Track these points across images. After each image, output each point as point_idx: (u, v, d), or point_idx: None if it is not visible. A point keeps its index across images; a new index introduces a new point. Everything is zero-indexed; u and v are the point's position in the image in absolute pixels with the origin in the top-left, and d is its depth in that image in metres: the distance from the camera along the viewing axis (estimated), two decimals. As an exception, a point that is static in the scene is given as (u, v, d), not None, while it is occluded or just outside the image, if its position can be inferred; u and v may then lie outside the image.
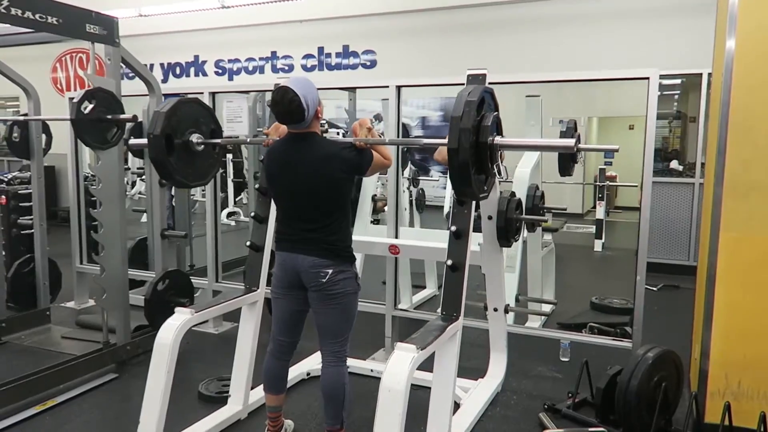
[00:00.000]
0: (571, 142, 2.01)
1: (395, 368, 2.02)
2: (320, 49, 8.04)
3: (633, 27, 6.57)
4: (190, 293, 3.96)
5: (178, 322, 2.47)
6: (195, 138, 2.65)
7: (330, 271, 2.36)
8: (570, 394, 3.02)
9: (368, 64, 7.75)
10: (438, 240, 4.06)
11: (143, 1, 8.21)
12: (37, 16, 2.93)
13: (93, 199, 4.73)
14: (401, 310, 3.79)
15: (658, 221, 5.87)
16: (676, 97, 10.40)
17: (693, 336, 3.12)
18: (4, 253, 4.48)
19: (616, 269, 6.70)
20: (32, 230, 4.31)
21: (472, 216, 2.55)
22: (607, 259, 7.18)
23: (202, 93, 4.13)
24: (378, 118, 14.71)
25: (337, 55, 7.94)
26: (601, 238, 7.41)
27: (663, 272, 5.59)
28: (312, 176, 2.34)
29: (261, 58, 8.41)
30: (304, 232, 2.39)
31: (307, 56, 8.11)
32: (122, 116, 3.23)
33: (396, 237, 3.67)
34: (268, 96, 5.71)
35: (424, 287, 5.18)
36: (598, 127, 12.04)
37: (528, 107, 3.88)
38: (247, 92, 4.42)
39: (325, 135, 6.75)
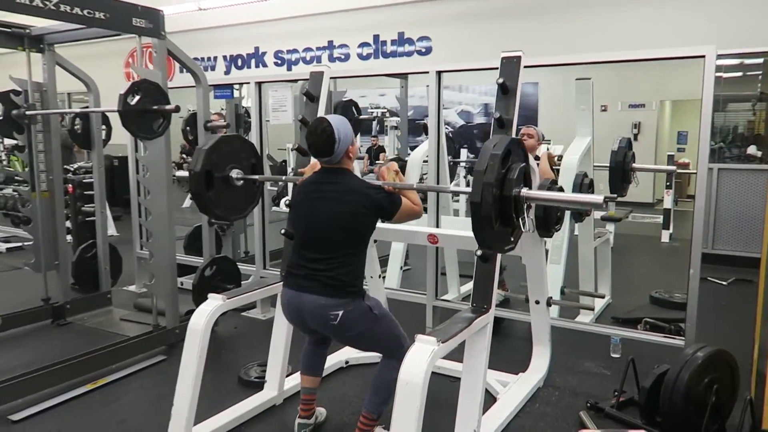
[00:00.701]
0: (599, 198, 1.93)
1: (413, 361, 1.97)
2: (375, 37, 8.00)
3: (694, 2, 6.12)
4: (237, 279, 4.05)
5: (209, 308, 2.51)
6: (235, 173, 2.74)
7: (340, 312, 2.26)
8: (616, 393, 2.86)
9: (423, 50, 7.65)
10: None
11: None
12: (85, 11, 3.05)
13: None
14: (443, 300, 3.72)
15: (731, 211, 5.49)
16: (760, 77, 9.65)
17: (754, 335, 2.88)
18: (71, 238, 4.76)
19: (682, 262, 6.30)
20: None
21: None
22: (673, 250, 6.79)
23: (248, 83, 4.19)
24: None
25: (393, 42, 7.88)
26: (668, 229, 7.01)
27: (736, 265, 5.24)
28: (333, 206, 2.32)
29: (318, 48, 8.48)
30: (312, 263, 2.33)
31: (363, 44, 8.10)
32: (167, 107, 3.31)
33: (437, 226, 3.60)
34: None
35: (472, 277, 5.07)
36: (672, 111, 11.38)
37: (578, 91, 3.69)
38: (294, 81, 4.45)
39: (385, 120, 6.69)
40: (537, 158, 3.89)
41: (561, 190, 2.88)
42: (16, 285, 5.08)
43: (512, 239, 2.06)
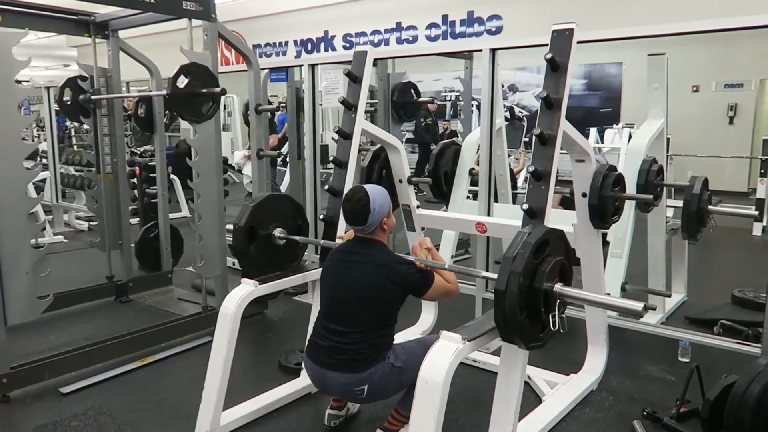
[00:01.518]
0: (638, 306, 1.75)
1: (435, 359, 1.84)
2: (444, 18, 7.74)
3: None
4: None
5: (241, 293, 2.49)
6: (278, 232, 2.73)
7: (366, 387, 2.20)
8: (677, 402, 2.59)
9: (494, 30, 7.31)
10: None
11: None
12: (134, -5, 3.09)
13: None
14: (492, 292, 3.52)
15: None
16: None
17: None
18: (139, 219, 4.94)
19: (776, 258, 5.74)
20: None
21: (551, 193, 2.23)
22: (766, 245, 6.17)
23: (302, 65, 4.14)
24: (512, 88, 14.07)
25: (462, 23, 7.59)
26: (762, 221, 6.37)
27: None
28: (359, 280, 2.24)
29: (386, 30, 8.32)
30: (335, 335, 2.24)
31: (431, 25, 7.85)
32: (215, 89, 3.31)
33: (489, 214, 3.41)
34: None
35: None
36: (774, 92, 10.37)
37: (650, 68, 3.35)
38: (347, 62, 4.34)
39: (458, 103, 6.45)
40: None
41: (619, 176, 2.61)
42: (86, 262, 5.33)
43: (541, 336, 1.88)
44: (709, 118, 10.07)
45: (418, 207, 3.36)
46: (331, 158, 2.97)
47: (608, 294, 2.85)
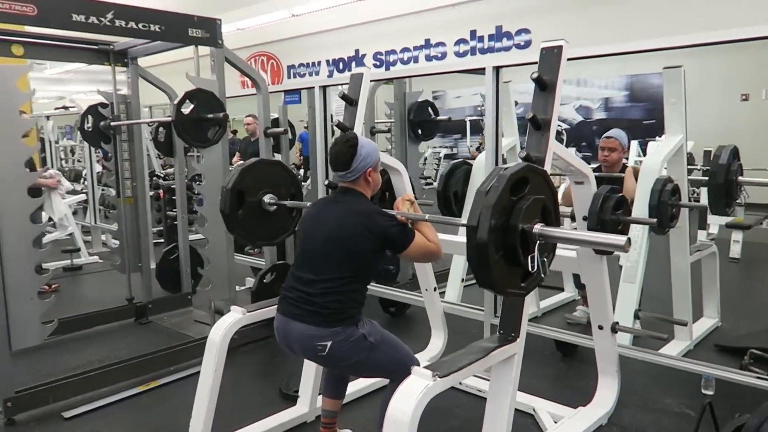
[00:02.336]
0: (620, 240, 1.65)
1: (402, 397, 1.75)
2: (472, 33, 7.69)
3: None
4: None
5: (229, 321, 2.47)
6: (268, 198, 2.68)
7: (329, 343, 2.07)
8: (691, 441, 2.40)
9: (522, 44, 7.21)
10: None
11: (293, 1, 8.65)
12: (140, 25, 3.16)
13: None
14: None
15: None
16: None
17: None
18: (163, 240, 5.05)
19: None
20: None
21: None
22: (817, 264, 5.76)
23: (312, 87, 4.15)
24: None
25: (490, 37, 7.52)
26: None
27: None
28: (335, 224, 2.17)
29: (415, 48, 8.33)
30: (304, 285, 2.15)
31: (460, 41, 7.82)
32: (219, 114, 3.34)
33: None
34: (384, 91, 5.59)
35: (561, 289, 4.64)
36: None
37: (666, 81, 3.18)
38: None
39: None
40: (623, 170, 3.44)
41: (620, 199, 2.47)
42: (114, 283, 5.46)
43: (523, 284, 1.76)
44: (760, 128, 9.57)
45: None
46: (326, 182, 2.94)
47: (617, 323, 2.68)
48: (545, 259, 1.77)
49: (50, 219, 6.36)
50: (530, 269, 1.73)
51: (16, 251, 2.77)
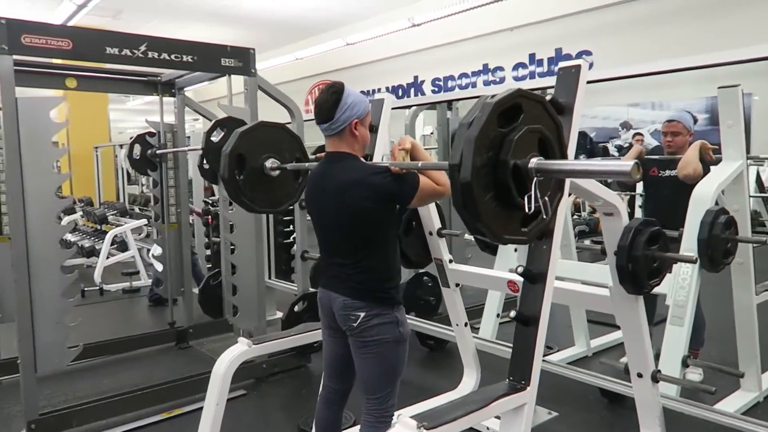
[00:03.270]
0: (626, 165, 1.34)
1: (382, 450, 1.60)
2: (531, 57, 7.46)
3: None
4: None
5: (233, 353, 2.41)
6: (270, 163, 2.59)
7: (362, 314, 2.04)
8: None
9: (583, 66, 6.90)
10: (591, 276, 3.32)
11: (347, 30, 8.76)
12: (172, 56, 3.23)
13: (285, 218, 5.13)
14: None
15: None
16: None
17: None
18: (209, 265, 5.12)
19: None
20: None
21: (553, 256, 1.93)
22: None
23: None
24: (625, 126, 13.14)
25: (549, 61, 7.26)
26: None
27: None
28: (336, 206, 2.05)
29: (473, 73, 8.19)
30: (336, 266, 2.13)
31: (518, 65, 7.61)
32: (247, 143, 3.33)
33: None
34: (429, 116, 5.44)
35: (618, 327, 4.29)
36: None
37: (722, 102, 2.88)
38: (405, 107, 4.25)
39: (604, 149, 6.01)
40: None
41: (657, 232, 2.21)
42: (160, 307, 5.59)
43: (524, 229, 1.55)
44: None
45: (450, 261, 3.11)
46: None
47: (659, 371, 2.39)
48: (547, 199, 1.54)
49: (113, 242, 6.66)
50: (527, 210, 1.50)
51: (45, 276, 2.85)
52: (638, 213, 5.69)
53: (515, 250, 3.54)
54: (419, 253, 3.10)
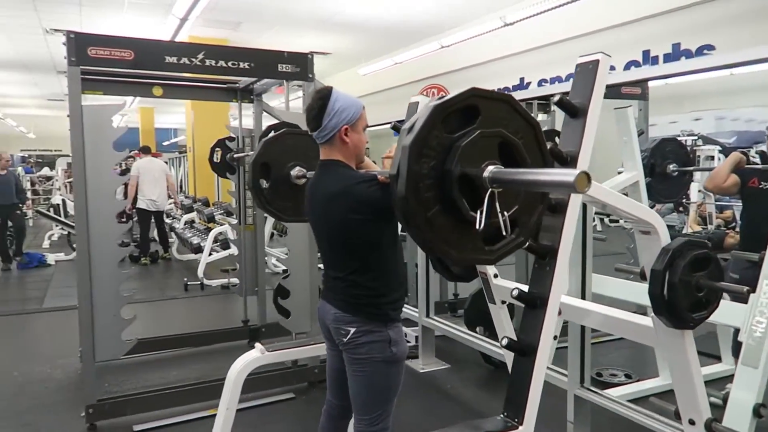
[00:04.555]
0: (569, 175, 1.11)
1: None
2: (645, 54, 6.81)
3: None
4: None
5: (246, 359, 2.40)
6: (296, 171, 2.57)
7: (352, 329, 1.94)
8: None
9: (704, 62, 6.15)
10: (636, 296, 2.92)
11: (450, 34, 8.56)
12: (229, 63, 3.33)
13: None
14: (588, 389, 2.80)
15: None
16: None
17: None
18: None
19: None
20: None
21: (559, 275, 1.69)
22: None
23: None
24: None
25: (666, 57, 6.57)
26: None
27: None
28: (324, 218, 1.99)
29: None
30: (331, 278, 2.05)
31: (631, 63, 6.97)
32: (299, 147, 3.35)
33: (583, 289, 2.76)
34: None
35: (718, 359, 3.76)
36: None
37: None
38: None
39: (696, 149, 5.65)
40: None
41: (704, 256, 1.86)
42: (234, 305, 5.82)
43: (490, 248, 1.37)
44: None
45: (496, 276, 2.88)
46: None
47: (713, 420, 2.00)
48: (505, 215, 1.32)
49: (216, 240, 7.08)
50: (477, 227, 1.30)
51: (104, 273, 3.06)
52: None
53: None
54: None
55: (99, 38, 3.01)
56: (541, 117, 4.66)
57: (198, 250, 7.40)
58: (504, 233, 1.35)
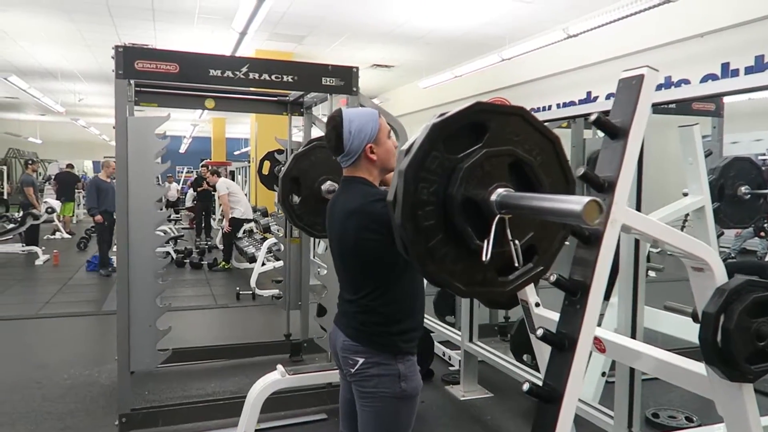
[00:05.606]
0: (576, 204, 0.95)
1: None
2: (724, 66, 6.34)
3: None
4: (428, 351, 3.68)
5: (266, 382, 2.33)
6: (326, 186, 2.49)
7: (360, 360, 1.82)
8: None
9: (790, 76, 5.65)
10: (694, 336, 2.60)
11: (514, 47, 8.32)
12: (273, 77, 3.31)
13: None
14: (637, 435, 2.54)
15: None
16: None
17: None
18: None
19: None
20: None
21: (590, 314, 1.51)
22: None
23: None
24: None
25: (747, 70, 6.09)
26: None
27: None
28: (338, 236, 1.88)
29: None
30: (344, 302, 1.95)
31: (708, 77, 6.51)
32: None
33: (633, 325, 2.51)
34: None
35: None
36: None
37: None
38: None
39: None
40: None
41: (763, 299, 1.61)
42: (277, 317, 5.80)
43: (502, 280, 1.23)
44: None
45: (537, 305, 2.68)
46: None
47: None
48: (517, 244, 1.18)
49: (269, 251, 7.14)
50: (483, 258, 1.16)
51: (142, 283, 3.08)
52: None
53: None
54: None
55: (145, 51, 3.07)
56: (591, 135, 4.42)
57: (253, 259, 7.50)
58: (516, 263, 1.19)
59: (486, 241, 1.17)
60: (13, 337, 5.28)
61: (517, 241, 1.18)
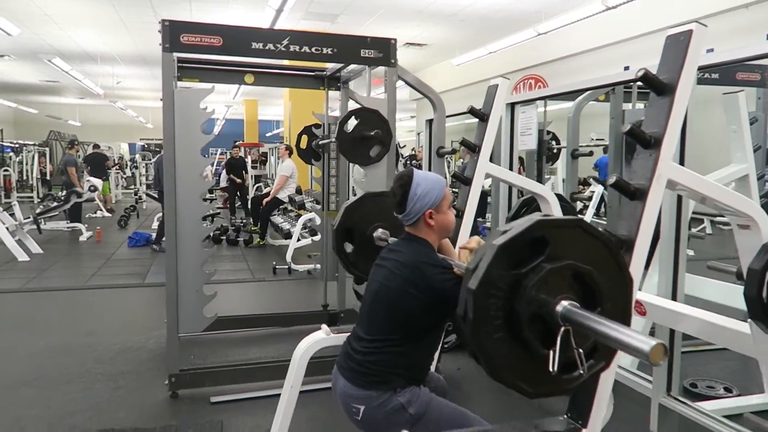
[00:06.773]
0: (645, 344, 1.00)
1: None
2: (770, 38, 6.12)
3: None
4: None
5: (311, 340, 2.42)
6: (379, 233, 2.55)
7: (362, 408, 1.86)
8: None
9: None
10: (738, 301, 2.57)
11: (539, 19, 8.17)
12: (312, 49, 3.36)
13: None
14: (675, 399, 2.56)
15: None
16: None
17: None
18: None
19: None
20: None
21: (636, 264, 1.54)
22: None
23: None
24: None
25: (795, 41, 5.87)
26: None
27: None
28: (385, 280, 1.91)
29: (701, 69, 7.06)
30: (356, 341, 1.98)
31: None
32: (373, 132, 3.33)
33: (674, 291, 2.51)
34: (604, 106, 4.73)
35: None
36: None
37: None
38: (547, 97, 3.83)
39: None
40: None
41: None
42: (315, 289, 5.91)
43: (567, 377, 1.24)
44: None
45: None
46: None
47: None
48: (581, 353, 1.20)
49: (305, 226, 7.26)
50: (551, 370, 1.20)
51: (189, 250, 3.20)
52: None
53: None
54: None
55: (191, 25, 3.14)
56: (639, 105, 4.37)
57: (288, 236, 7.64)
58: (581, 371, 1.22)
59: (552, 351, 1.19)
60: (63, 306, 5.52)
61: (581, 350, 1.20)
